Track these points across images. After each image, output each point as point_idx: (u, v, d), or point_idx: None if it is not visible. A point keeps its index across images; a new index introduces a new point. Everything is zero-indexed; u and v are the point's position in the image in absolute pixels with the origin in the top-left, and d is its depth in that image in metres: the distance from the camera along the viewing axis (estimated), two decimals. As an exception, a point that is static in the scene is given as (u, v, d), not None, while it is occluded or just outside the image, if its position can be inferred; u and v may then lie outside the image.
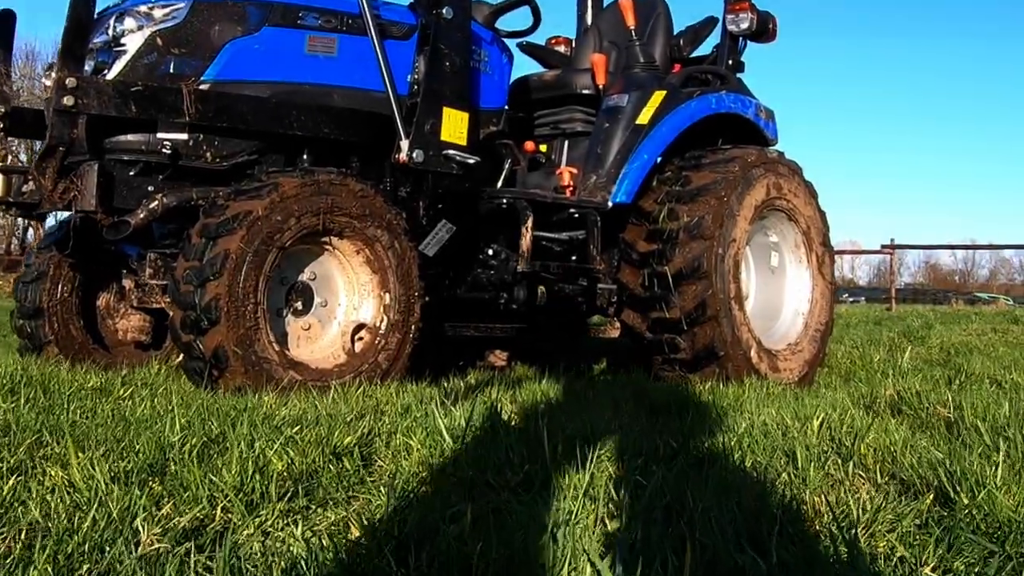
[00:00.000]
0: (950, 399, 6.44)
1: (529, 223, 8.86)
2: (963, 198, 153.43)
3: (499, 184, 9.08)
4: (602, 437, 4.95)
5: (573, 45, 11.93)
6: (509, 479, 4.17)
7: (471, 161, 8.36)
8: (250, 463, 4.06)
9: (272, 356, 7.19)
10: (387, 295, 7.78)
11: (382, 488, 4.10)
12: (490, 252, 9.05)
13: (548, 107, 10.75)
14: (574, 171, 9.85)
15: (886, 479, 4.43)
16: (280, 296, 7.54)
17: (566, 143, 10.70)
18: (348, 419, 5.25)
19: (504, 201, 8.90)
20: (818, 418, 5.57)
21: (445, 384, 7.86)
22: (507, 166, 9.14)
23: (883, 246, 41.06)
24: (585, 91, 10.50)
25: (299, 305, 7.77)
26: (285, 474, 4.15)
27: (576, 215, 9.52)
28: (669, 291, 9.18)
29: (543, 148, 10.55)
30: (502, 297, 9.07)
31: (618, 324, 10.09)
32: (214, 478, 3.91)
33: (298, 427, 4.93)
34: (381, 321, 7.82)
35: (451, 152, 8.26)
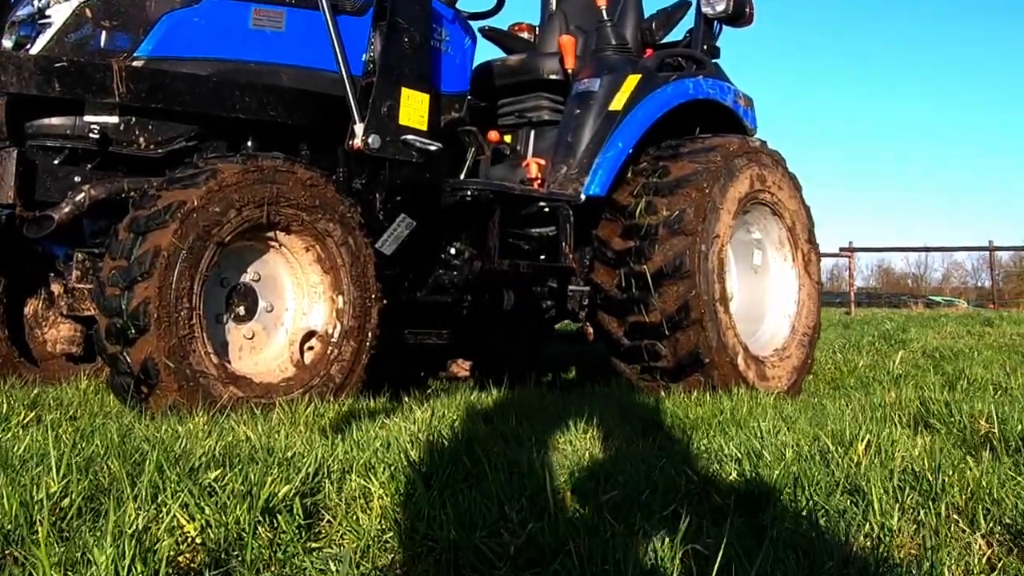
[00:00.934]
0: (989, 411, 5.43)
1: (496, 218, 7.89)
2: (916, 202, 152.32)
3: (462, 175, 8.02)
4: (613, 476, 3.99)
5: (537, 32, 10.89)
6: (507, 544, 3.13)
7: (432, 148, 7.38)
8: (132, 544, 2.85)
9: (210, 369, 6.20)
10: (340, 298, 6.76)
11: (332, 564, 3.07)
12: (452, 251, 8.07)
13: (512, 94, 9.87)
14: (541, 162, 8.97)
15: (996, 528, 3.39)
16: (219, 300, 6.59)
17: (532, 133, 9.77)
18: (290, 453, 4.13)
19: (469, 193, 7.88)
20: (862, 440, 4.55)
21: (409, 401, 6.89)
22: (471, 155, 8.07)
23: (842, 249, 40.20)
24: (553, 76, 9.57)
25: (241, 310, 6.75)
26: (197, 543, 3.07)
27: (546, 209, 8.57)
28: (648, 292, 8.32)
29: (507, 139, 9.77)
30: (465, 300, 8.16)
31: (590, 329, 9.25)
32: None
33: (222, 469, 3.79)
34: (334, 328, 6.81)
35: (410, 138, 7.29)
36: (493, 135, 9.37)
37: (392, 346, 7.61)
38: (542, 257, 8.81)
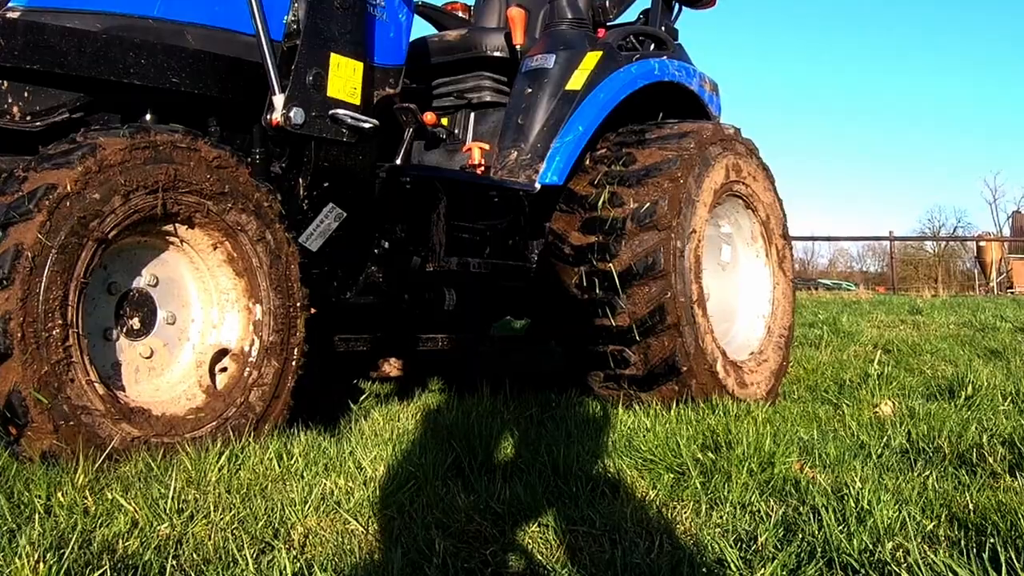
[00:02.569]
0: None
1: (442, 209, 6.35)
2: (803, 193, 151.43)
3: (398, 160, 6.32)
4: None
5: (473, 10, 9.34)
6: None
7: (367, 126, 5.88)
8: None
9: (94, 403, 4.62)
10: (258, 307, 5.21)
11: None
12: (388, 245, 6.54)
13: (450, 73, 8.40)
14: (485, 147, 7.69)
15: None
16: (107, 310, 5.04)
17: (471, 116, 8.31)
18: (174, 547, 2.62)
19: (408, 180, 6.26)
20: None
21: (351, 429, 5.29)
22: (408, 137, 6.39)
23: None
24: (497, 53, 8.12)
25: (135, 322, 5.13)
26: None
27: (496, 199, 7.12)
28: (615, 293, 6.95)
29: (444, 122, 8.25)
30: (403, 302, 6.71)
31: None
32: None
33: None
34: (251, 344, 5.25)
35: (340, 113, 5.76)
36: (428, 117, 7.68)
37: (318, 353, 6.11)
38: (486, 252, 7.30)
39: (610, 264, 6.93)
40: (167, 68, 5.34)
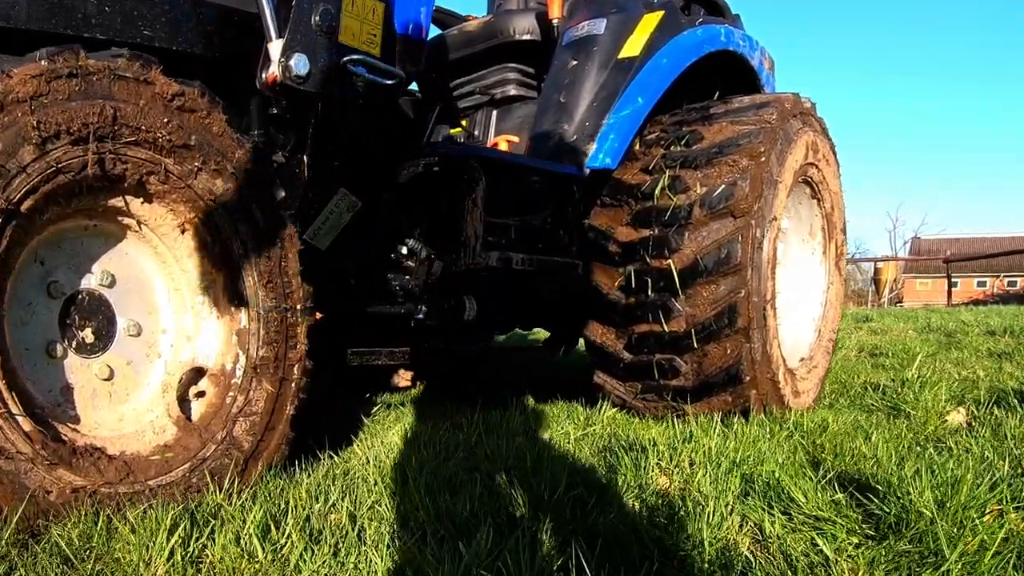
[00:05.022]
0: None
1: (480, 194, 4.45)
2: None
3: (425, 139, 4.45)
4: None
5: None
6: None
7: (390, 82, 3.99)
8: None
9: (16, 444, 2.86)
10: (243, 312, 3.35)
11: None
12: (413, 241, 4.68)
13: (470, 69, 6.38)
14: (514, 139, 5.82)
15: None
16: (48, 319, 3.23)
17: (493, 114, 6.32)
18: None
19: (438, 159, 4.35)
20: None
21: (366, 469, 3.58)
22: (434, 116, 4.45)
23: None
24: (526, 37, 6.14)
25: (88, 335, 3.28)
26: None
27: (538, 187, 5.21)
28: (672, 294, 5.10)
29: (463, 123, 6.32)
30: (419, 310, 4.78)
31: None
32: None
33: None
34: (235, 361, 3.40)
35: (356, 58, 3.78)
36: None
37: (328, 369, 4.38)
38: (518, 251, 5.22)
39: (668, 260, 5.09)
40: (137, 19, 3.42)
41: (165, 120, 3.10)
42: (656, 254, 5.10)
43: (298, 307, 3.46)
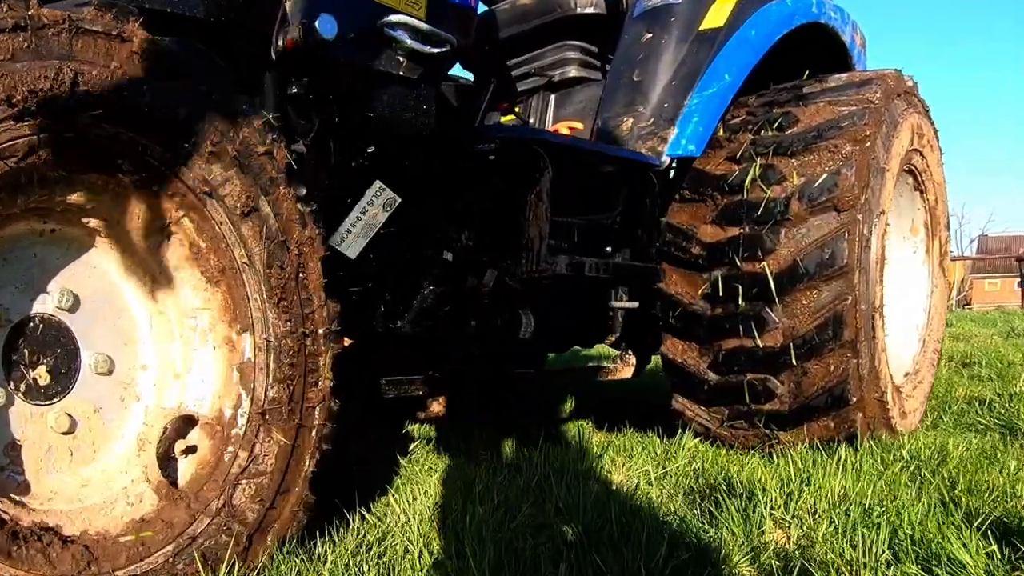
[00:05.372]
0: None
1: (546, 187, 3.56)
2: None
3: (478, 120, 3.62)
4: None
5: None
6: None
7: (437, 50, 3.15)
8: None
9: None
10: (247, 338, 2.49)
11: None
12: (458, 245, 3.79)
13: (524, 49, 5.41)
14: (577, 126, 4.90)
15: None
16: None
17: (551, 99, 5.33)
18: None
19: (494, 145, 3.51)
20: None
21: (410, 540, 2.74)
22: (488, 95, 3.62)
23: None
24: (589, 10, 5.17)
25: (40, 374, 2.41)
26: None
27: (609, 177, 4.37)
28: (767, 303, 4.25)
29: (516, 110, 5.30)
30: (467, 327, 3.92)
31: (632, 359, 5.35)
32: None
33: None
34: (236, 405, 2.53)
35: (397, 20, 2.80)
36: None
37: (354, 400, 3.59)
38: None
39: (762, 263, 4.24)
40: None
41: (144, 88, 2.27)
42: (747, 256, 4.29)
43: (320, 331, 2.62)
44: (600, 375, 5.18)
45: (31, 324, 2.38)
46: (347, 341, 2.94)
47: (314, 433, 2.61)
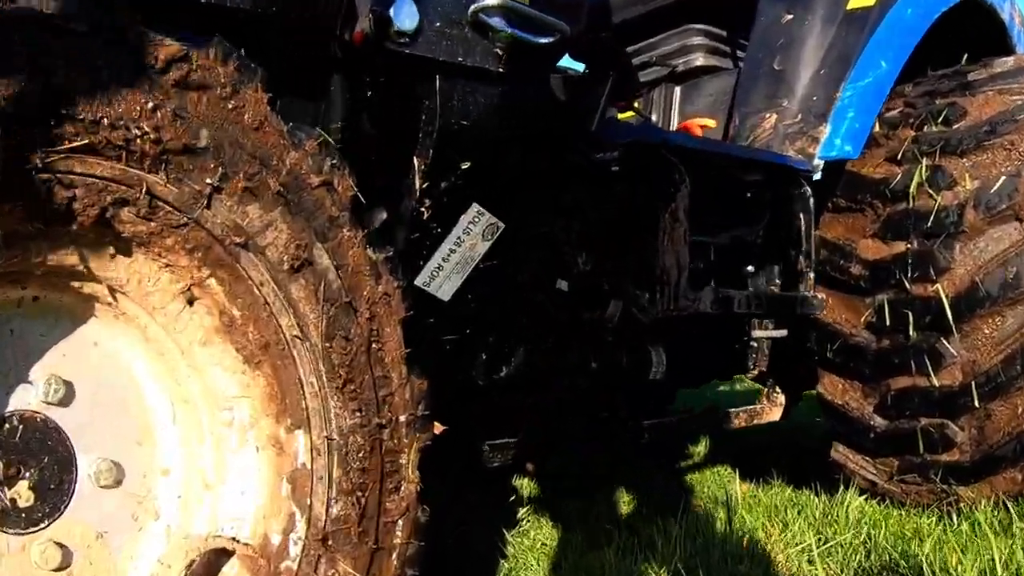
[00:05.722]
0: None
1: (682, 204, 2.82)
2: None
3: (595, 123, 2.92)
4: None
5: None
6: None
7: (544, 40, 2.38)
8: None
9: None
10: (303, 437, 1.67)
11: None
12: (576, 276, 3.01)
13: (641, 35, 4.67)
14: (710, 123, 4.11)
15: None
16: None
17: (676, 91, 4.58)
18: None
19: (617, 154, 2.76)
20: None
21: None
22: (607, 89, 2.86)
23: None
24: None
25: (19, 492, 1.68)
26: None
27: (752, 186, 3.64)
28: (942, 333, 3.47)
29: (637, 105, 4.49)
30: (585, 371, 3.16)
31: (781, 398, 4.39)
32: None
33: None
34: (288, 527, 1.81)
35: (493, 4, 2.24)
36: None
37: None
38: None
39: (936, 285, 3.48)
40: None
41: (149, 104, 1.57)
42: (917, 276, 3.56)
43: (401, 419, 1.89)
44: (742, 421, 4.38)
45: (5, 426, 1.69)
46: (439, 427, 2.23)
47: (395, 557, 1.88)
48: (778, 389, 4.40)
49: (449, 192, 2.47)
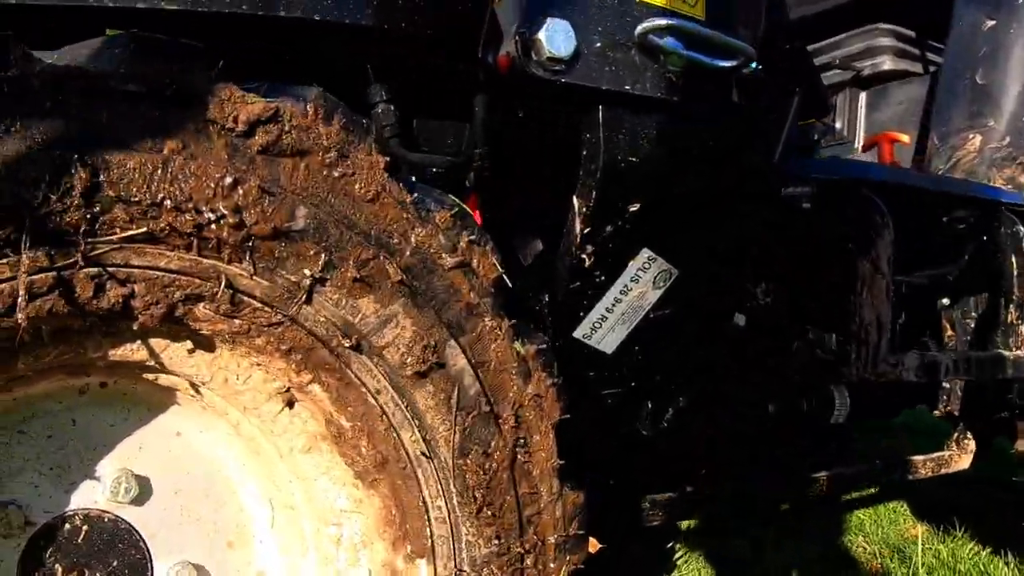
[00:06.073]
0: None
1: (886, 250, 2.33)
2: None
3: (778, 153, 2.34)
4: None
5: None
6: None
7: (726, 63, 1.92)
8: None
9: None
10: (423, 566, 1.37)
11: None
12: (759, 302, 2.53)
13: (821, 33, 4.11)
14: (902, 138, 3.42)
15: None
16: None
17: (861, 97, 4.01)
18: None
19: (810, 190, 2.29)
20: None
21: None
22: (793, 111, 2.38)
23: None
24: None
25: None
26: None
27: (957, 221, 2.99)
28: None
29: None
30: (762, 416, 2.67)
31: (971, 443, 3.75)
32: None
33: None
34: None
35: (665, 24, 1.79)
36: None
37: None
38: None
39: None
40: None
41: (227, 180, 1.20)
42: None
43: (550, 541, 1.49)
44: (929, 470, 3.88)
45: (67, 527, 1.35)
46: (595, 544, 1.83)
47: None
48: (969, 435, 3.91)
49: (614, 236, 2.08)
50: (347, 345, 1.28)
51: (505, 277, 1.42)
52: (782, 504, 4.28)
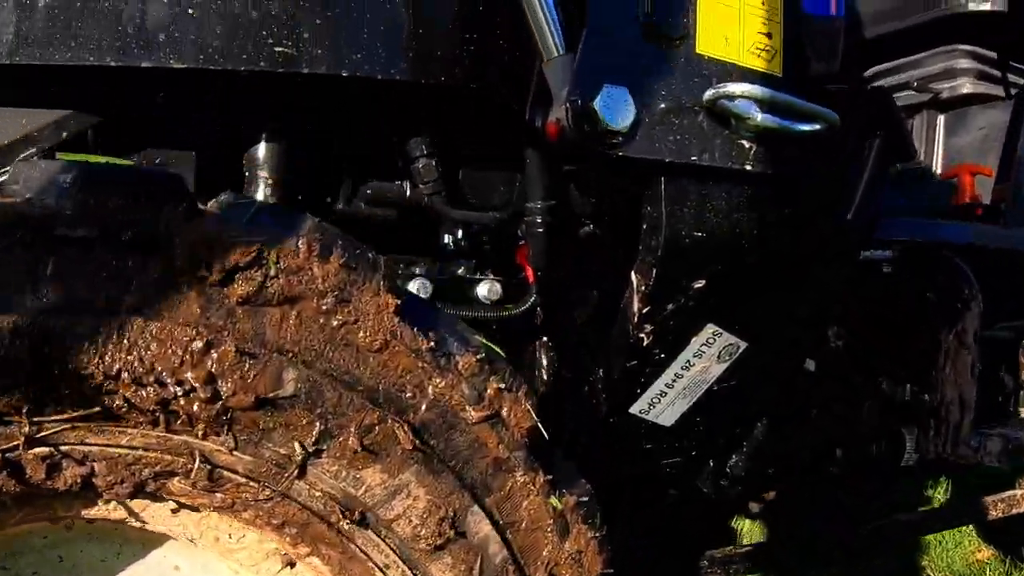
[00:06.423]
0: None
1: (973, 323, 2.09)
2: None
3: (851, 212, 2.05)
4: None
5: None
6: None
7: (807, 127, 1.65)
8: None
9: None
10: None
11: None
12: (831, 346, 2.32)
13: (894, 53, 3.73)
14: (985, 171, 3.13)
15: None
16: None
17: (939, 121, 3.62)
18: None
19: (890, 253, 2.04)
20: None
21: None
22: (873, 155, 2.14)
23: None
24: (985, 6, 3.35)
25: None
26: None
27: None
28: None
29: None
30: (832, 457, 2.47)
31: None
32: None
33: None
34: None
35: (739, 92, 1.56)
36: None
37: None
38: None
39: None
40: (317, 43, 1.29)
41: (196, 344, 1.00)
42: None
43: None
44: (999, 511, 3.62)
45: None
46: None
47: None
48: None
49: (676, 315, 1.85)
50: (348, 521, 1.07)
51: (542, 427, 1.20)
52: (846, 552, 4.07)
